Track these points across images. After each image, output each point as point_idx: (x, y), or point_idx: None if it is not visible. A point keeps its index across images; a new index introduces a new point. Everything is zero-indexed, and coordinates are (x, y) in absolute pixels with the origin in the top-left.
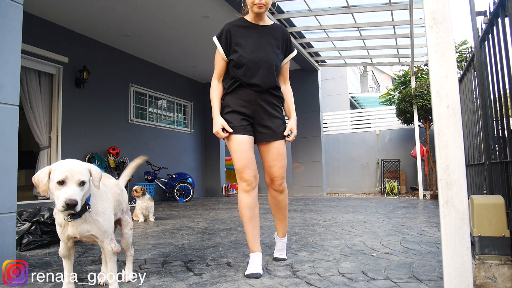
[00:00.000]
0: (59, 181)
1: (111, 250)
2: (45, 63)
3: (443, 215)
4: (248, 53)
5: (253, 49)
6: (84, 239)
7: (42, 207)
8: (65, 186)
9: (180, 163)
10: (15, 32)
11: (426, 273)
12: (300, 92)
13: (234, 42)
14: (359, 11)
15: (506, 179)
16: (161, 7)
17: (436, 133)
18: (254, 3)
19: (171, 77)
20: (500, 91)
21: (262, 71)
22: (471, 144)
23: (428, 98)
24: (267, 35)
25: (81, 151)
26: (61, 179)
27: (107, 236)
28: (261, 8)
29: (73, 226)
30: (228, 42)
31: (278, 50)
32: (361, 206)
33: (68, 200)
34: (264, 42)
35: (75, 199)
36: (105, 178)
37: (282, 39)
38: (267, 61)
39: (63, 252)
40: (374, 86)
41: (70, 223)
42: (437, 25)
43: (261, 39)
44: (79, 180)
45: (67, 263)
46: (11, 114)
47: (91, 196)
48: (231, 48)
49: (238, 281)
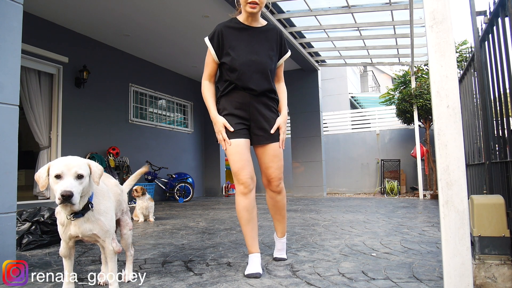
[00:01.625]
0: (56, 175)
1: (112, 249)
2: (45, 63)
3: (443, 215)
4: (241, 56)
5: (246, 52)
6: (85, 239)
7: (42, 207)
8: (62, 180)
9: (180, 163)
10: (15, 32)
11: (426, 273)
12: (300, 92)
13: (226, 45)
14: (359, 11)
15: (506, 179)
16: (161, 7)
17: (436, 133)
18: (247, 2)
19: (171, 77)
20: (500, 91)
21: (256, 75)
22: (471, 144)
23: (428, 98)
24: (260, 38)
25: (81, 151)
26: (58, 173)
27: (109, 236)
28: (254, 8)
29: (75, 225)
30: (220, 44)
31: (272, 52)
32: (361, 206)
33: (63, 191)
34: (257, 45)
35: (70, 190)
36: (106, 178)
37: (276, 41)
38: (261, 65)
39: (64, 251)
40: (374, 86)
41: (72, 222)
42: (437, 25)
43: (255, 42)
44: (76, 173)
45: (68, 263)
46: (11, 114)
47: (93, 195)
48: (224, 50)
49: (238, 281)
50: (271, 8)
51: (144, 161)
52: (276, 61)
